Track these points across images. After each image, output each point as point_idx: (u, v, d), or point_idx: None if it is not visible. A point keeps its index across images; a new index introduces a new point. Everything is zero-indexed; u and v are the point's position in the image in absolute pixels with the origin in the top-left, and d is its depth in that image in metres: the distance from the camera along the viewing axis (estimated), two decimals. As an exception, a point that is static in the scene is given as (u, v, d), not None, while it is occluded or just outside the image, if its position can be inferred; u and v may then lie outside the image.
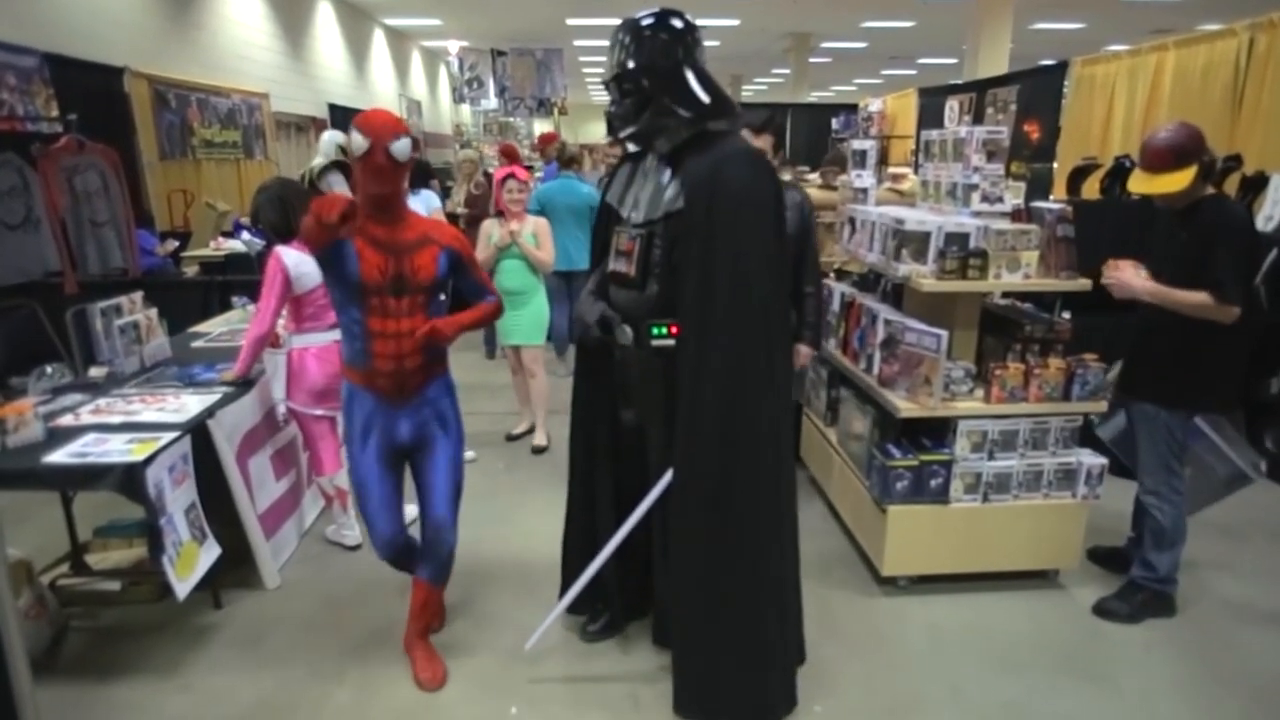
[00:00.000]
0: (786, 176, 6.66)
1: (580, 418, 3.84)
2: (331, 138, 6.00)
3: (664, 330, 3.26)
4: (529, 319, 6.30)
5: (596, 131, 33.82)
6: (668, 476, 3.33)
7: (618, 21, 3.34)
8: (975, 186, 4.39)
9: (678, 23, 3.27)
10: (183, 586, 3.74)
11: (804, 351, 4.85)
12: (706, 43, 3.67)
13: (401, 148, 3.31)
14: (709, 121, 3.25)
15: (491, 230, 6.16)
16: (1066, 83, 10.23)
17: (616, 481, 3.78)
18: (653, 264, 3.30)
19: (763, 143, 4.73)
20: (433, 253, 3.52)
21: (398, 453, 3.67)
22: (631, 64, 3.23)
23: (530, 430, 6.79)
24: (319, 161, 5.78)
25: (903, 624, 4.22)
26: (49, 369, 4.68)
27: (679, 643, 3.43)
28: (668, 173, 3.31)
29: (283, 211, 4.59)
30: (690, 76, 3.24)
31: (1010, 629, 4.17)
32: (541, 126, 30.30)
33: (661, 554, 3.61)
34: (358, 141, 3.27)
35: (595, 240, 3.73)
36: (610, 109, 3.39)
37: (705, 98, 3.24)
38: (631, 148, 3.53)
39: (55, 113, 7.92)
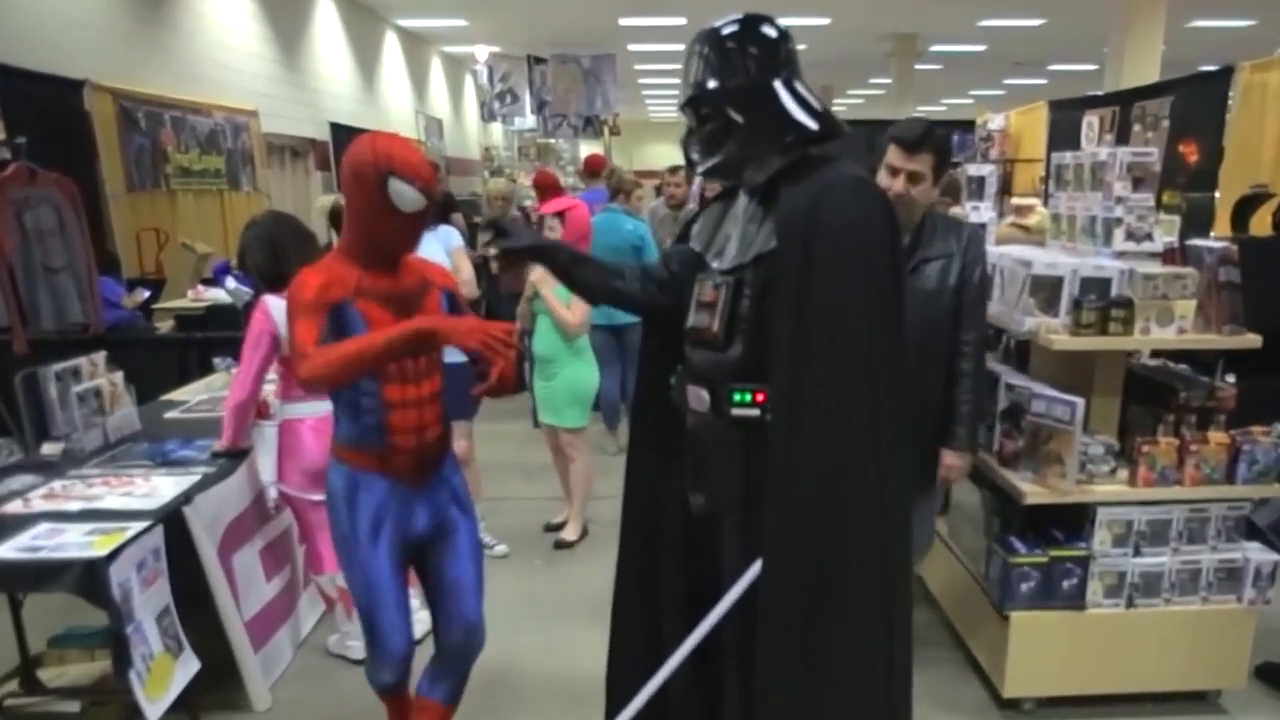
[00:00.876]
0: (955, 209, 6.65)
1: (636, 503, 3.80)
2: None
3: (748, 397, 3.23)
4: (562, 392, 6.31)
5: (656, 155, 33.96)
6: (754, 569, 3.27)
7: (681, 21, 3.37)
8: (1119, 221, 4.39)
9: (768, 30, 3.26)
10: (154, 708, 3.79)
11: (954, 462, 4.31)
12: None
13: (413, 197, 3.39)
14: (810, 146, 3.25)
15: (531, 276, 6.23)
16: (1231, 93, 10.18)
17: (682, 581, 3.70)
18: (739, 317, 3.26)
19: (920, 164, 4.25)
20: (435, 297, 3.62)
21: (409, 549, 3.69)
22: (712, 82, 3.22)
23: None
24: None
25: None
26: (-7, 445, 4.80)
27: None
28: (758, 208, 3.31)
29: (272, 253, 4.67)
30: (784, 93, 3.22)
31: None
32: (589, 149, 30.57)
33: (736, 672, 3.56)
34: (413, 198, 3.34)
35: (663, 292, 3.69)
36: (686, 138, 3.38)
37: (804, 118, 3.21)
38: (694, 177, 3.56)
39: (1, 135, 7.99)
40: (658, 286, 3.61)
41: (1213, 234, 7.74)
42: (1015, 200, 9.03)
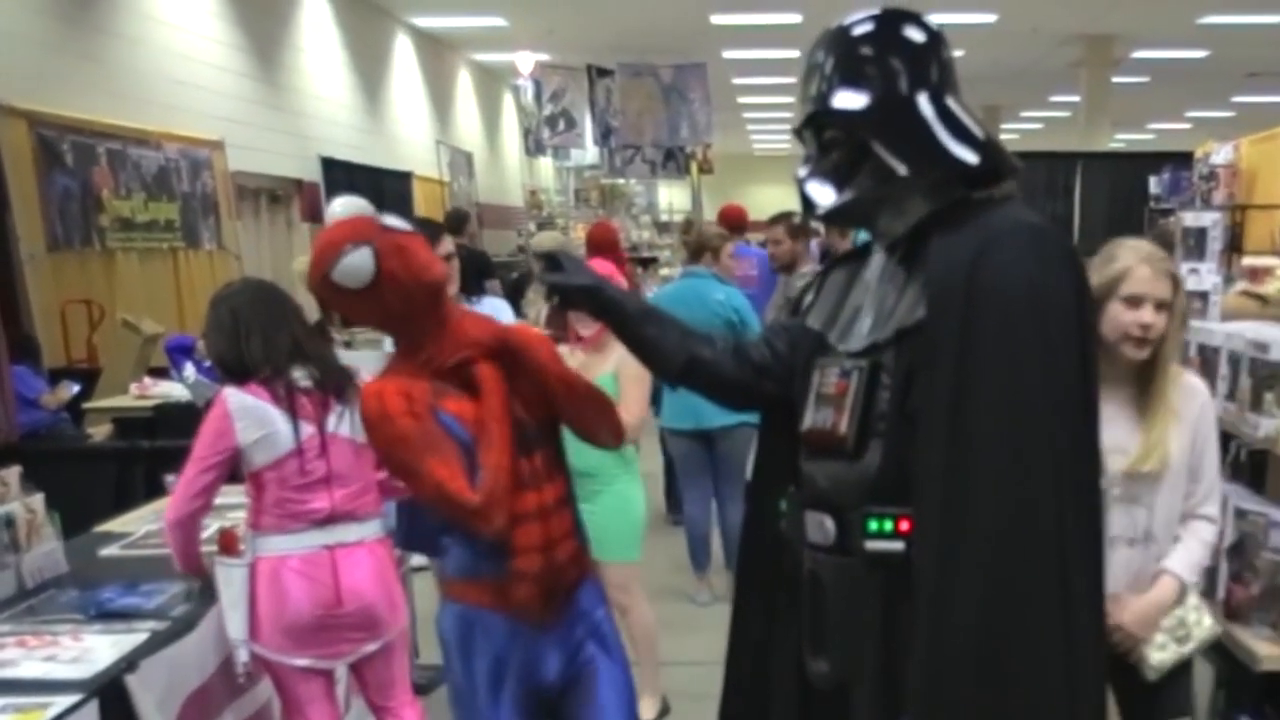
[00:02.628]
0: None
1: (743, 672, 3.74)
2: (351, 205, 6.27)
3: (889, 525, 3.14)
4: (608, 518, 6.12)
5: (764, 201, 33.56)
6: None
7: (795, 19, 3.35)
8: (1396, 289, 4.37)
9: (915, 32, 3.25)
10: None
11: None
12: None
13: (355, 265, 3.51)
14: (969, 187, 3.22)
15: None
16: None
17: None
18: (876, 415, 3.17)
19: None
20: (486, 373, 3.67)
21: (541, 703, 3.77)
22: (839, 97, 3.19)
23: None
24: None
25: None
26: (-128, 591, 4.88)
27: None
28: (903, 270, 3.23)
29: (234, 334, 4.71)
30: (933, 115, 3.17)
31: None
32: (671, 193, 30.61)
33: None
34: (354, 265, 3.50)
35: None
36: (802, 172, 3.35)
37: (959, 149, 3.16)
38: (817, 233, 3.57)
39: None
40: (755, 371, 3.54)
41: None
42: (1248, 261, 8.98)
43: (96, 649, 4.39)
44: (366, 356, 5.80)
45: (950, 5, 17.97)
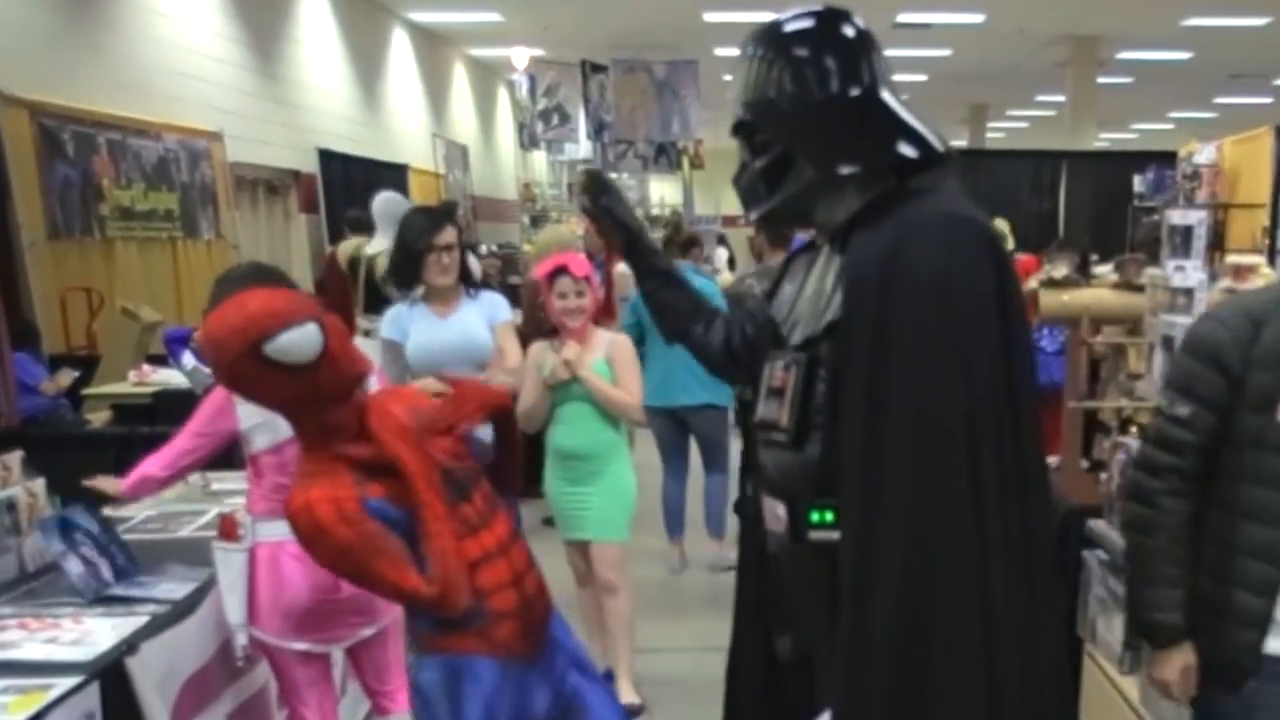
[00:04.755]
0: (1153, 270, 6.57)
1: (738, 644, 3.80)
2: (390, 202, 6.23)
3: (829, 516, 3.18)
4: (603, 499, 6.33)
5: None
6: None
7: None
8: (1380, 286, 4.37)
9: (846, 29, 3.26)
10: None
11: None
12: (930, 52, 3.65)
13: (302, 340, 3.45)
14: (894, 179, 3.22)
15: (542, 358, 6.25)
16: None
17: None
18: (814, 407, 3.20)
19: None
20: (417, 481, 3.60)
21: None
22: (771, 97, 3.22)
23: (608, 676, 6.66)
24: (379, 246, 6.00)
25: None
26: (-123, 573, 4.88)
27: None
28: (837, 261, 3.26)
29: None
30: (868, 109, 3.21)
31: None
32: (662, 188, 30.64)
33: None
34: (301, 338, 3.40)
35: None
36: (739, 174, 3.41)
37: (889, 139, 3.19)
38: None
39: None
40: (732, 358, 3.63)
41: None
42: (1232, 259, 9.00)
43: (97, 632, 4.38)
44: (364, 345, 5.79)
45: (939, 5, 18.02)
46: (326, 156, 17.43)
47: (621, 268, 6.03)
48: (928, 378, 2.95)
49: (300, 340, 3.33)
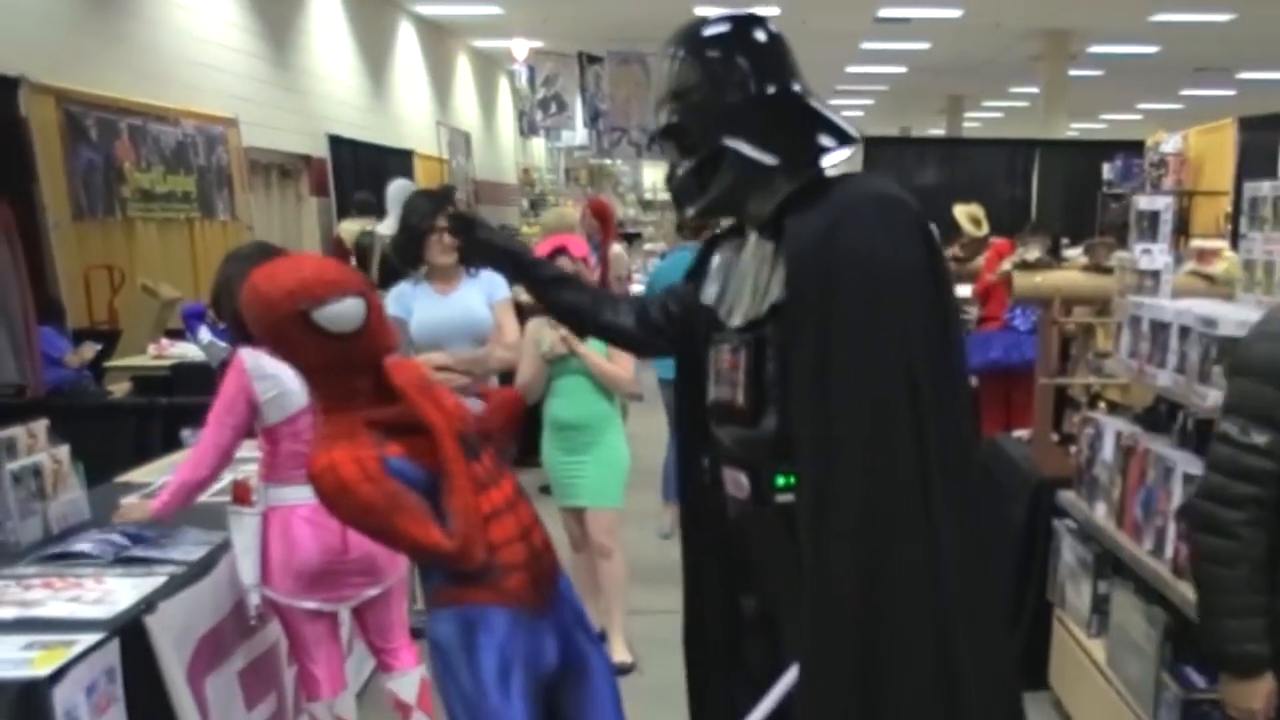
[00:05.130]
0: (1121, 253, 6.54)
1: (694, 606, 3.85)
2: (404, 189, 6.22)
3: (793, 480, 3.25)
4: (598, 468, 6.38)
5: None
6: (789, 676, 3.29)
7: (775, 11, 3.38)
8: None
9: (759, 33, 3.32)
10: None
11: None
12: (909, 45, 3.67)
13: (348, 312, 3.45)
14: (817, 167, 3.28)
15: (540, 334, 6.25)
16: None
17: (734, 700, 3.68)
18: (767, 384, 3.27)
19: None
20: (446, 446, 3.60)
21: (543, 690, 3.74)
22: (685, 103, 3.28)
23: (602, 637, 6.74)
24: (390, 225, 5.97)
25: None
26: (-91, 535, 4.87)
27: None
28: (769, 248, 3.33)
29: None
30: (787, 104, 3.29)
31: None
32: (654, 174, 30.62)
33: None
34: (349, 309, 3.41)
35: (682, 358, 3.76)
36: (670, 175, 3.44)
37: (809, 131, 3.28)
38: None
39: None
40: (653, 331, 3.65)
41: None
42: (1196, 242, 8.99)
43: (117, 591, 4.38)
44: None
45: (919, 0, 17.97)
46: (336, 142, 17.40)
47: (617, 249, 6.02)
48: (871, 347, 3.04)
49: (346, 311, 3.34)
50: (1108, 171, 16.98)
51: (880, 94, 34.75)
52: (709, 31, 3.32)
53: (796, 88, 3.28)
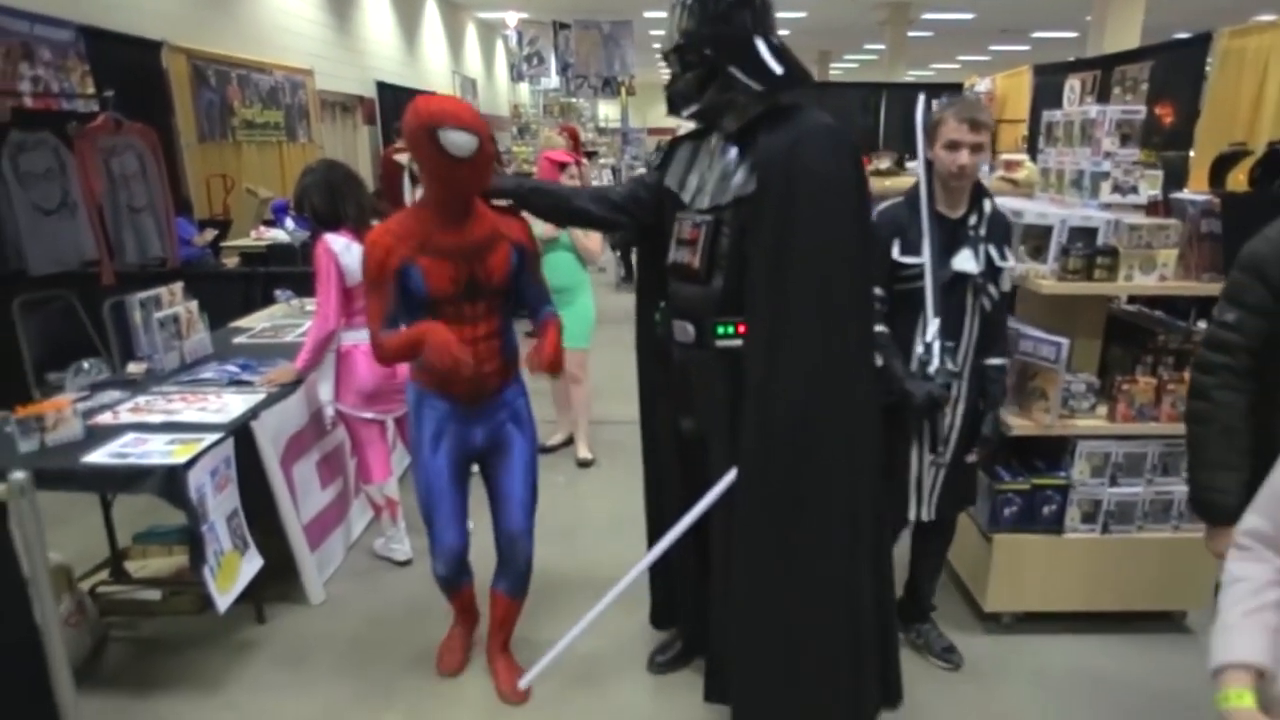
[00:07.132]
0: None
1: (646, 424, 3.91)
2: None
3: (731, 329, 3.27)
4: (572, 319, 6.22)
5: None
6: (730, 475, 3.31)
7: None
8: (1106, 175, 4.34)
9: None
10: (224, 599, 3.87)
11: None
12: (791, 14, 3.65)
13: (463, 142, 3.34)
14: (782, 95, 3.26)
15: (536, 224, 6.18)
16: (1210, 59, 10.08)
17: (682, 496, 3.68)
18: (720, 255, 3.28)
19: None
20: (504, 251, 3.58)
21: (470, 458, 3.79)
22: (694, 32, 3.23)
23: (568, 441, 6.88)
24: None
25: (1005, 667, 4.20)
26: (86, 364, 4.84)
27: (738, 675, 3.40)
28: (735, 152, 3.30)
29: (330, 198, 4.69)
30: (761, 45, 3.22)
31: (1128, 677, 4.13)
32: (607, 108, 30.42)
33: (720, 586, 3.56)
34: (464, 141, 3.28)
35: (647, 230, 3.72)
36: (671, 84, 3.38)
37: (778, 68, 3.22)
38: (680, 125, 3.57)
39: (91, 90, 8.14)
40: (615, 209, 3.65)
41: (1187, 190, 7.68)
42: (1004, 156, 8.97)
43: (232, 404, 4.42)
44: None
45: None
46: (381, 86, 17.25)
47: (585, 161, 6.06)
48: (821, 234, 3.06)
49: (461, 140, 3.26)
50: (936, 107, 16.83)
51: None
52: None
53: (773, 36, 3.25)
